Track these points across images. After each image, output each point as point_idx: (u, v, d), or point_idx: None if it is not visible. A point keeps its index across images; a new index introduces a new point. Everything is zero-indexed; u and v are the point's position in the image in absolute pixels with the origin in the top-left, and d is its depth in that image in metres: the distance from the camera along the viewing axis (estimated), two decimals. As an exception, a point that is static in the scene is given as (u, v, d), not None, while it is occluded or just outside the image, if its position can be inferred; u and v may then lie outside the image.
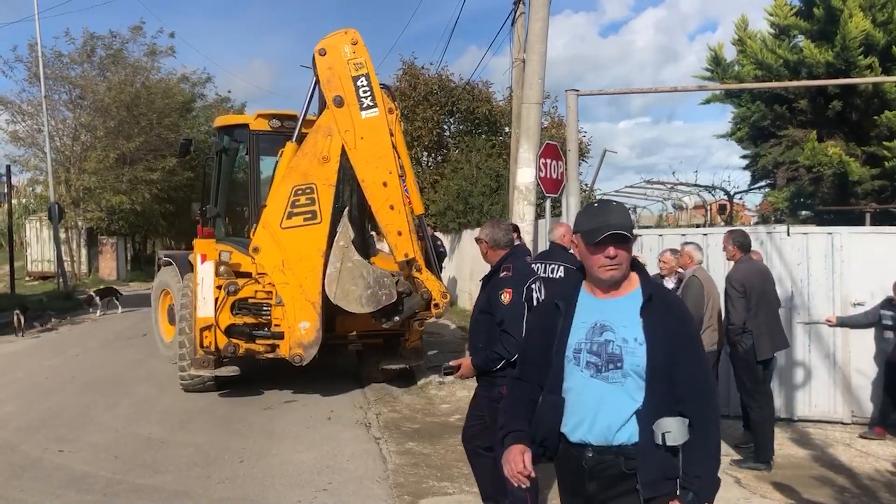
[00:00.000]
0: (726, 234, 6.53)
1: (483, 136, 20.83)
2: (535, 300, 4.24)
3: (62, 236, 25.12)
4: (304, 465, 6.09)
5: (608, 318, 2.51)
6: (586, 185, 18.51)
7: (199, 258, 8.20)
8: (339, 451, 6.52)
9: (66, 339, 13.41)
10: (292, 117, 9.02)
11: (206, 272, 8.06)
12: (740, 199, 21.29)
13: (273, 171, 8.75)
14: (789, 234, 7.71)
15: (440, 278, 8.83)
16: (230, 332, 8.12)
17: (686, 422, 2.39)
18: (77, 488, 5.49)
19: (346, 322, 8.64)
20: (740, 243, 6.30)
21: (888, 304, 6.92)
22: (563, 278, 6.36)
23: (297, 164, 8.15)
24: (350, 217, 8.17)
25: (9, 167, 24.02)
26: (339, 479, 5.76)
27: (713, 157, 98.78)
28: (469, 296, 16.06)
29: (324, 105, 8.21)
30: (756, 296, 6.11)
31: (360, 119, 8.01)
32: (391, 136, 8.16)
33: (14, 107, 27.22)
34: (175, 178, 28.70)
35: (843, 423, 7.44)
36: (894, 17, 14.18)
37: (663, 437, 2.36)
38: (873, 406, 7.32)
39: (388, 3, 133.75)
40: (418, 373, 9.45)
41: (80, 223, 27.98)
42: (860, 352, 7.41)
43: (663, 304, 2.54)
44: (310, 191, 8.05)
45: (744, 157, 19.15)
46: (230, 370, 8.48)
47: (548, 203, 10.42)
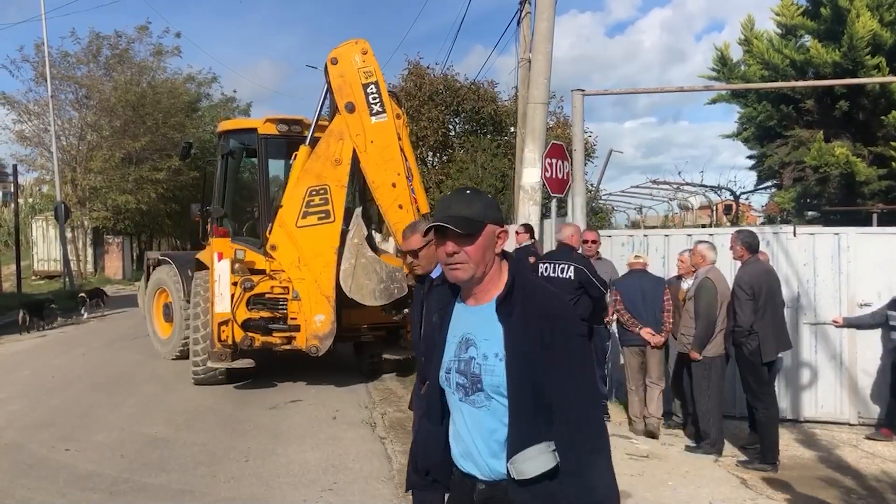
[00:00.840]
0: (734, 234, 6.49)
1: (488, 136, 20.84)
2: None
3: (68, 236, 25.20)
4: (309, 465, 6.09)
5: (473, 331, 2.12)
6: (592, 185, 18.54)
7: (216, 256, 8.51)
8: (345, 450, 6.52)
9: (72, 339, 13.45)
10: (298, 122, 9.52)
11: (222, 270, 8.45)
12: (746, 199, 21.27)
13: (284, 174, 9.21)
14: (796, 235, 7.68)
15: None
16: (246, 325, 8.48)
17: (547, 447, 1.98)
18: (83, 487, 5.50)
19: (354, 315, 9.07)
20: (748, 244, 6.26)
21: (895, 304, 6.89)
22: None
23: (310, 167, 8.56)
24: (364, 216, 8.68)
25: (15, 167, 24.09)
26: (345, 478, 5.76)
27: (719, 158, 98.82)
28: (474, 296, 16.06)
29: (335, 111, 8.58)
30: (764, 297, 6.08)
31: (370, 124, 8.43)
32: (399, 139, 8.56)
33: (21, 106, 27.36)
34: (181, 177, 28.77)
35: (849, 425, 7.42)
36: (902, 17, 14.14)
37: (511, 471, 2.00)
38: (880, 407, 7.29)
39: (394, 3, 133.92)
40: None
41: (86, 223, 28.06)
42: (867, 353, 7.38)
43: (528, 304, 2.06)
44: (323, 191, 8.48)
45: (750, 157, 19.12)
46: (246, 362, 8.73)
47: (553, 203, 10.40)
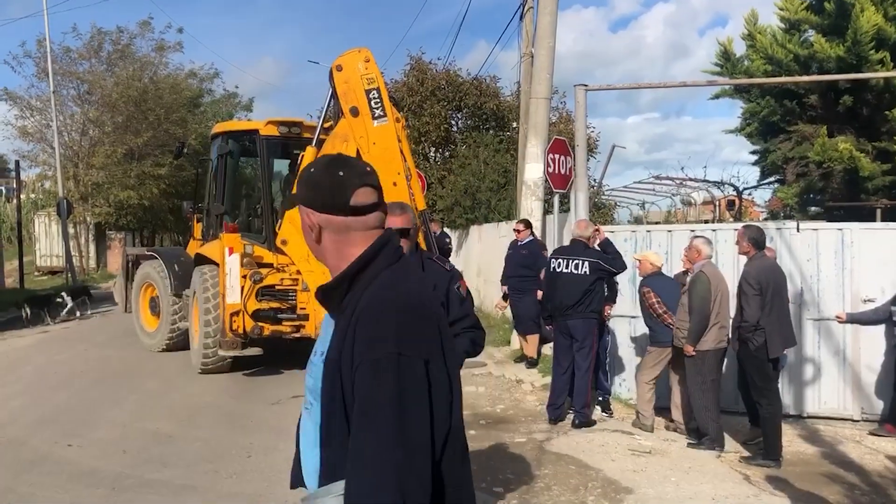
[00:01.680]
0: (741, 229, 6.46)
1: (491, 131, 20.80)
2: None
3: (71, 231, 25.22)
4: (311, 461, 6.08)
5: (324, 330, 1.90)
6: (595, 180, 18.49)
7: (226, 251, 9.05)
8: (347, 446, 6.51)
9: (74, 335, 13.46)
10: (297, 123, 10.25)
11: (233, 263, 9.03)
12: (749, 194, 21.23)
13: (286, 171, 10.12)
14: (799, 230, 7.65)
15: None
16: (256, 316, 9.13)
17: (340, 487, 1.61)
18: (85, 483, 5.51)
19: None
20: (755, 240, 6.23)
21: (899, 300, 6.86)
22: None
23: None
24: None
25: (17, 162, 24.14)
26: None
27: (722, 153, 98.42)
28: (476, 291, 16.04)
29: (340, 114, 9.06)
30: (771, 293, 6.06)
31: (373, 127, 8.84)
32: (399, 142, 9.00)
33: (23, 102, 27.35)
34: (183, 173, 28.74)
35: (852, 420, 7.40)
36: (906, 12, 14.09)
37: None
38: (883, 403, 7.27)
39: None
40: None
41: (88, 218, 28.08)
42: (870, 348, 7.35)
43: (355, 305, 1.73)
44: None
45: (753, 152, 19.11)
46: (254, 350, 9.27)
47: (556, 199, 10.39)
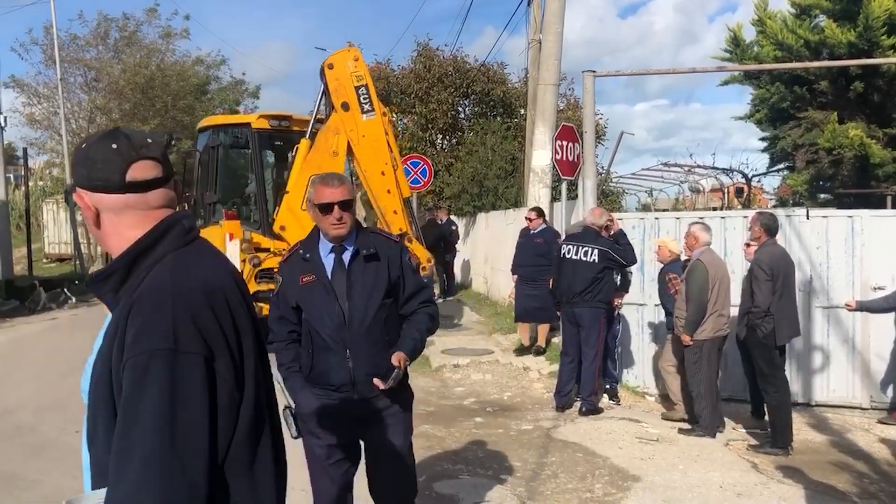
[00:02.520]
0: (755, 214, 6.44)
1: (498, 118, 20.69)
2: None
3: (79, 219, 24.89)
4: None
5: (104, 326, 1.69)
6: (603, 167, 18.40)
7: (227, 236, 9.62)
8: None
9: (84, 321, 13.51)
10: (287, 117, 10.97)
11: (233, 249, 9.55)
12: (758, 181, 21.07)
13: (273, 163, 11.33)
14: (809, 218, 7.60)
15: (426, 248, 10.62)
16: (255, 297, 9.47)
17: (100, 494, 1.45)
18: (94, 469, 5.53)
19: None
20: (767, 226, 6.20)
21: (909, 288, 6.81)
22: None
23: (312, 158, 9.72)
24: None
25: (25, 150, 24.12)
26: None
27: (731, 140, 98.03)
28: (483, 279, 16.03)
29: (332, 109, 9.80)
30: (781, 281, 6.03)
31: (362, 121, 9.67)
32: (385, 134, 9.83)
33: (30, 89, 27.34)
34: (189, 160, 28.72)
35: (861, 409, 7.37)
36: (919, -4, 13.90)
37: None
38: (893, 391, 7.24)
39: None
40: (432, 356, 9.47)
41: (96, 206, 28.14)
42: (879, 336, 7.31)
43: (132, 295, 1.53)
44: None
45: (762, 139, 18.94)
46: None
47: (563, 186, 10.34)
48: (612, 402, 7.62)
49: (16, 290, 15.94)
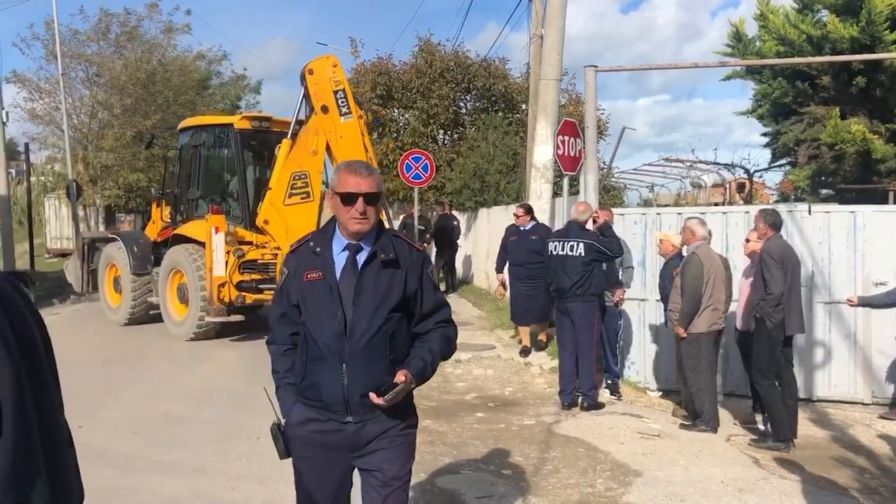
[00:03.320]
0: (758, 212, 6.42)
1: (500, 113, 20.65)
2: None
3: (80, 214, 25.30)
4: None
5: None
6: (604, 162, 18.38)
7: (213, 230, 10.21)
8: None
9: (85, 317, 13.54)
10: (267, 118, 11.85)
11: (219, 241, 10.21)
12: (760, 177, 21.06)
13: (253, 162, 12.01)
14: (811, 213, 7.59)
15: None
16: (240, 287, 10.50)
17: None
18: (96, 464, 5.53)
19: None
20: (772, 222, 6.20)
21: (911, 283, 6.80)
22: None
23: (293, 156, 10.54)
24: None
25: (27, 145, 24.18)
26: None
27: (733, 135, 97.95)
28: (485, 274, 16.03)
29: (312, 111, 10.51)
30: (790, 272, 6.03)
31: (340, 123, 10.46)
32: (362, 136, 10.67)
33: (32, 85, 27.32)
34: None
35: (863, 404, 7.37)
36: (922, -9, 13.87)
37: None
38: (894, 387, 7.24)
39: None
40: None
41: (97, 201, 28.12)
42: (881, 332, 7.30)
43: None
44: (304, 176, 10.57)
45: (764, 134, 18.94)
46: (237, 317, 10.70)
47: (565, 181, 10.33)
48: (613, 397, 7.63)
49: None
